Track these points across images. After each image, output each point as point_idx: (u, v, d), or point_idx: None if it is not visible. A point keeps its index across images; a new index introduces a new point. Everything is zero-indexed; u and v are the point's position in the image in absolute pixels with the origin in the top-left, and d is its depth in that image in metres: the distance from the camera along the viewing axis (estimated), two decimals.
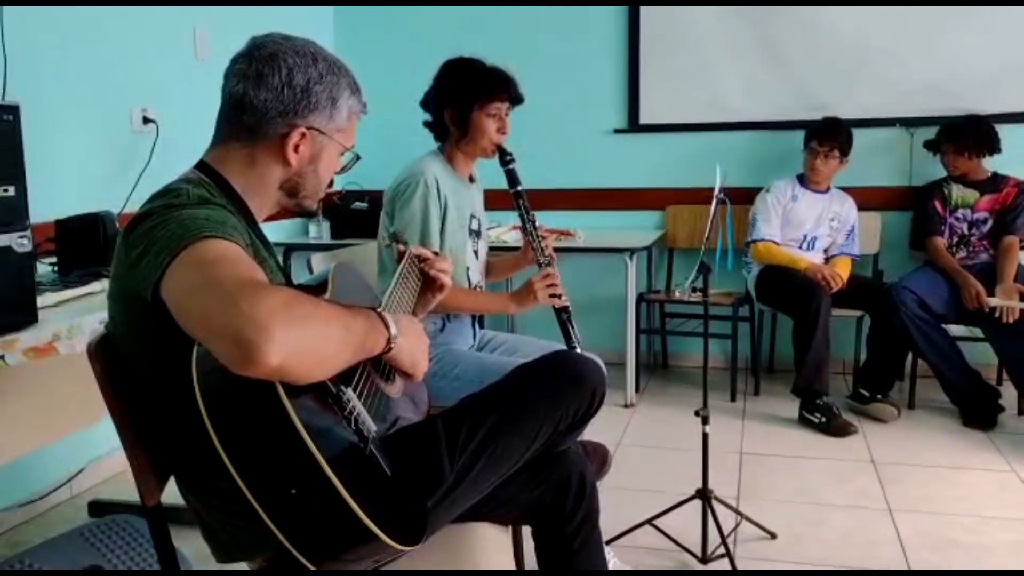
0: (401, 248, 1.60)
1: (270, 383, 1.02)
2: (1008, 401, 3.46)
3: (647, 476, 2.92)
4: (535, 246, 2.32)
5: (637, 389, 3.87)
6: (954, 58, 3.83)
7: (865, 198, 3.89)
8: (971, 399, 3.42)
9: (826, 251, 3.82)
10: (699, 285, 2.40)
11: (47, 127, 2.70)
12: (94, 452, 2.93)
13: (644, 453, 3.17)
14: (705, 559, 2.28)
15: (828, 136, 3.65)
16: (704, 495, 2.31)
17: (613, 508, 2.11)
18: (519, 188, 2.33)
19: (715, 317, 3.64)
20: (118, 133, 3.07)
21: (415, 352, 1.28)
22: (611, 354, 3.52)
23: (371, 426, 1.17)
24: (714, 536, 2.27)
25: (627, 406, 3.70)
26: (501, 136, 2.29)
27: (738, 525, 2.45)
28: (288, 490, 1.07)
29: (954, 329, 3.51)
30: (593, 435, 2.07)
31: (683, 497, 2.39)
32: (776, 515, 2.57)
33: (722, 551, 2.24)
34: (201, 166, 1.33)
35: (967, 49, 3.81)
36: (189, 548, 1.47)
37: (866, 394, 3.53)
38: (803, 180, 3.79)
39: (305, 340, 1.00)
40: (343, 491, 1.05)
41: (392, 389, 1.37)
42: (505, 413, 1.41)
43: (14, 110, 1.63)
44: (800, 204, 3.75)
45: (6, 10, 2.49)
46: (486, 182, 2.52)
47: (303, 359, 1.00)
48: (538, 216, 2.37)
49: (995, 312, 3.30)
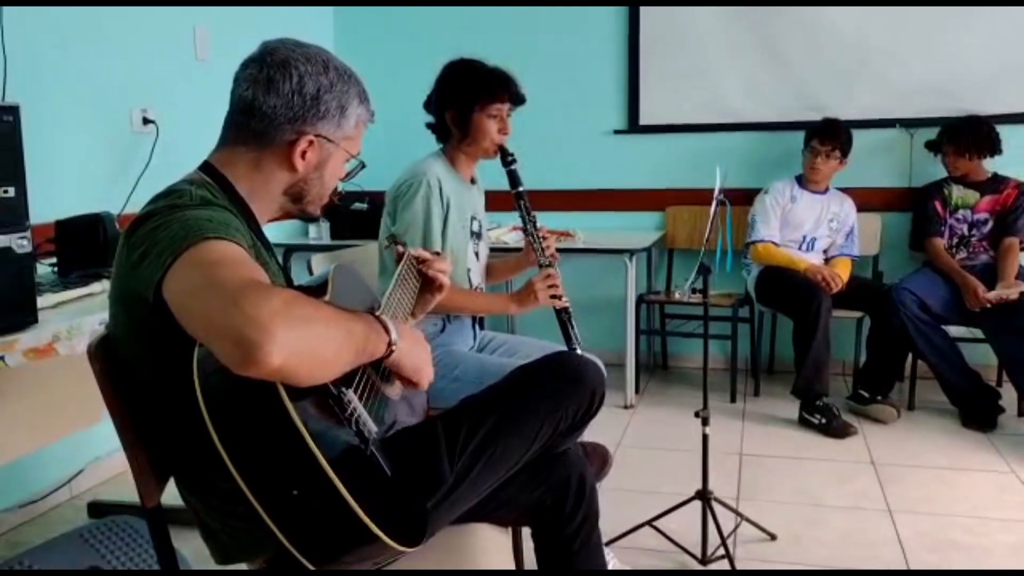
0: (400, 249, 1.61)
1: (272, 384, 1.02)
2: (1008, 402, 3.46)
3: (647, 477, 2.92)
4: (536, 247, 2.32)
5: (637, 390, 3.87)
6: (954, 59, 3.83)
7: (865, 199, 3.89)
8: (971, 400, 3.42)
9: (825, 252, 3.82)
10: (699, 286, 2.40)
11: (47, 128, 2.70)
12: (94, 453, 2.93)
13: (644, 454, 3.17)
14: (705, 560, 2.28)
15: (829, 136, 3.65)
16: (704, 496, 2.31)
17: (613, 509, 2.11)
18: (520, 189, 2.33)
19: (715, 318, 3.64)
20: (118, 134, 3.06)
21: (416, 358, 1.28)
22: (611, 355, 3.52)
23: (372, 427, 1.17)
24: (714, 537, 2.27)
25: (627, 407, 3.70)
26: (503, 137, 2.29)
27: (738, 526, 2.45)
28: (290, 491, 1.07)
29: (954, 330, 3.51)
30: (593, 436, 2.07)
31: (683, 498, 2.39)
32: (776, 516, 2.57)
33: (722, 552, 2.24)
34: (205, 168, 1.33)
35: (967, 50, 3.81)
36: (189, 549, 1.47)
37: (866, 395, 3.53)
38: (802, 181, 3.79)
39: (306, 341, 1.00)
40: (344, 492, 1.06)
41: (392, 391, 1.37)
42: (505, 414, 1.41)
43: (14, 111, 1.63)
44: (799, 205, 3.75)
45: (6, 11, 2.49)
46: (485, 183, 2.51)
47: (304, 360, 1.00)
48: (538, 217, 2.37)
49: (996, 306, 3.28)
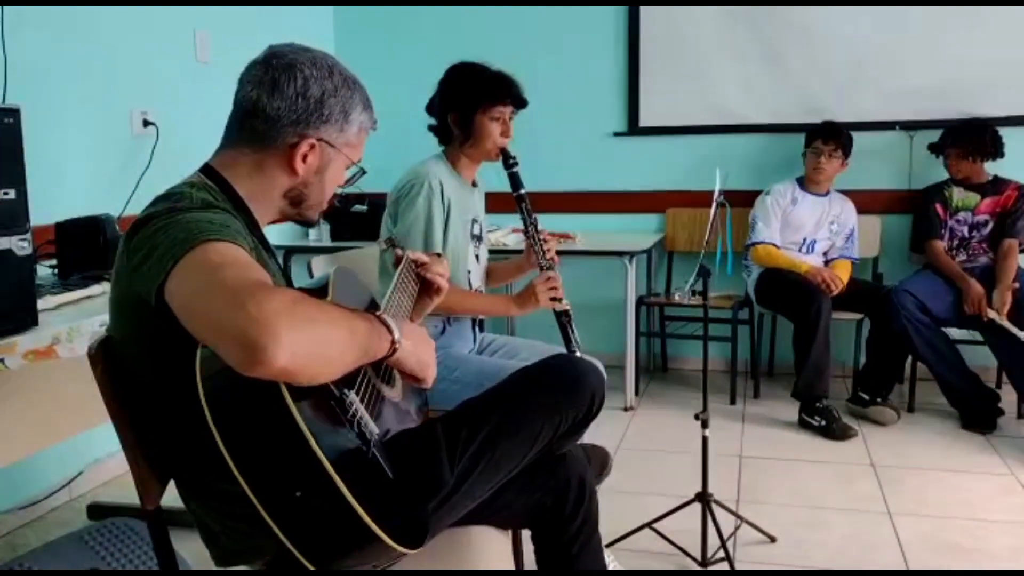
0: (398, 252, 1.61)
1: (274, 385, 1.02)
2: (1008, 404, 3.46)
3: (647, 479, 2.92)
4: (537, 250, 2.33)
5: (637, 392, 3.87)
6: (954, 61, 3.84)
7: (865, 201, 3.89)
8: (971, 402, 3.42)
9: (825, 254, 3.82)
10: (699, 288, 2.40)
11: (48, 130, 2.70)
12: (93, 455, 2.93)
13: (644, 456, 3.17)
14: (705, 562, 2.27)
15: (832, 135, 3.68)
16: (704, 498, 2.31)
17: (612, 511, 2.11)
18: (522, 191, 2.34)
19: (715, 320, 3.64)
20: (119, 136, 3.06)
21: (421, 355, 1.29)
22: (611, 357, 3.51)
23: (373, 429, 1.17)
24: (714, 539, 2.27)
25: (627, 409, 3.70)
26: (505, 140, 2.30)
27: (738, 528, 2.45)
28: (292, 492, 1.07)
29: (954, 332, 3.51)
30: (592, 438, 2.07)
31: (683, 500, 2.39)
32: (776, 518, 2.57)
33: (722, 554, 2.24)
34: (206, 170, 1.33)
35: (967, 52, 3.81)
36: (189, 552, 1.47)
37: (866, 397, 3.53)
38: (803, 183, 3.79)
39: (310, 341, 1.00)
40: (347, 493, 1.06)
41: (393, 393, 1.37)
42: (505, 416, 1.41)
43: (15, 113, 1.62)
44: (800, 207, 3.75)
45: (6, 13, 2.49)
46: (485, 185, 2.52)
47: (309, 360, 1.00)
48: (538, 219, 2.37)
49: (994, 323, 3.30)
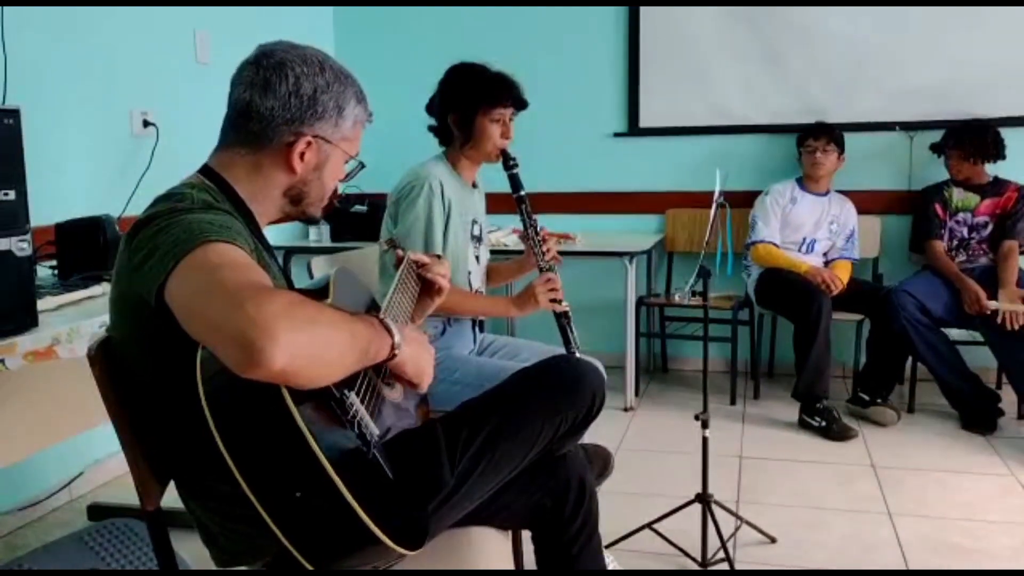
0: (399, 253, 1.61)
1: (275, 386, 1.02)
2: (1008, 405, 3.46)
3: (647, 480, 2.92)
4: (537, 251, 2.33)
5: (637, 393, 3.87)
6: (954, 62, 3.84)
7: (864, 202, 3.89)
8: (971, 403, 3.42)
9: (826, 255, 3.82)
10: (699, 289, 2.40)
11: (48, 130, 2.70)
12: (93, 456, 2.93)
13: (644, 457, 3.17)
14: (705, 563, 2.27)
15: (822, 131, 3.73)
16: (704, 499, 2.31)
17: (612, 512, 2.11)
18: (522, 193, 2.34)
19: (715, 321, 3.65)
20: (119, 136, 3.07)
21: (419, 361, 1.28)
22: (611, 358, 3.51)
23: (374, 430, 1.17)
24: (714, 540, 2.27)
25: (627, 410, 3.70)
26: (505, 141, 2.30)
27: (738, 529, 2.45)
28: (292, 493, 1.07)
29: (954, 333, 3.51)
30: (592, 439, 2.07)
31: (683, 501, 2.39)
32: (776, 519, 2.56)
33: (722, 555, 2.24)
34: (205, 171, 1.33)
35: (966, 52, 3.81)
36: (189, 552, 1.47)
37: (866, 398, 3.53)
38: (802, 183, 3.80)
39: (310, 343, 1.00)
40: (347, 494, 1.06)
41: (393, 394, 1.37)
42: (505, 417, 1.41)
43: (15, 114, 1.62)
44: (799, 206, 3.75)
45: (7, 14, 2.49)
46: (485, 185, 2.52)
47: (308, 362, 1.00)
48: (538, 219, 2.37)
49: (997, 316, 3.29)
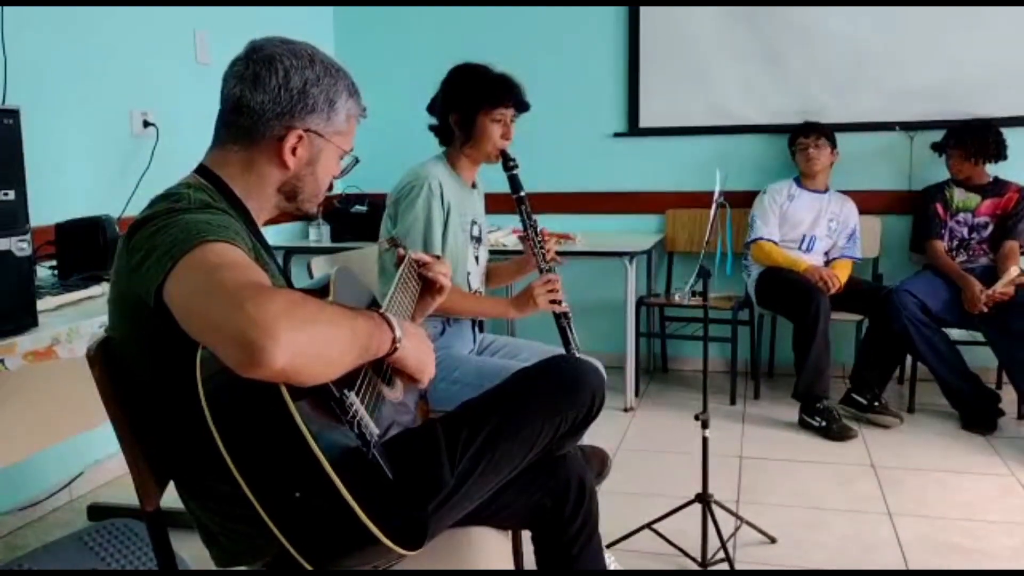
0: (400, 252, 1.61)
1: (275, 386, 1.02)
2: (1008, 405, 3.46)
3: (647, 480, 2.92)
4: (536, 252, 2.33)
5: (637, 393, 3.87)
6: (954, 62, 3.84)
7: (865, 202, 3.89)
8: (971, 403, 3.42)
9: (827, 254, 3.82)
10: (699, 289, 2.40)
11: (47, 130, 2.70)
12: (93, 456, 2.93)
13: (644, 457, 3.17)
14: (705, 563, 2.27)
15: (811, 128, 3.77)
16: (704, 499, 2.31)
17: (613, 512, 2.11)
18: (522, 194, 2.34)
19: (715, 321, 3.64)
20: (118, 136, 3.07)
21: (421, 355, 1.28)
22: (611, 358, 3.51)
23: (373, 430, 1.17)
24: (714, 540, 2.27)
25: (627, 410, 3.70)
26: (505, 142, 2.30)
27: (738, 529, 2.45)
28: (292, 493, 1.07)
29: (954, 333, 3.51)
30: (593, 439, 2.07)
31: (683, 501, 2.39)
32: (776, 519, 2.56)
33: (722, 555, 2.24)
34: (201, 170, 1.33)
35: (966, 52, 3.81)
36: (188, 552, 1.47)
37: (863, 401, 3.51)
38: (800, 182, 3.82)
39: (311, 342, 1.00)
40: (346, 494, 1.05)
41: (393, 393, 1.37)
42: (505, 417, 1.41)
43: (15, 114, 1.62)
44: (796, 203, 3.77)
45: (7, 14, 2.49)
46: (485, 185, 2.52)
47: (309, 361, 1.00)
48: (538, 219, 2.38)
49: (995, 307, 3.27)
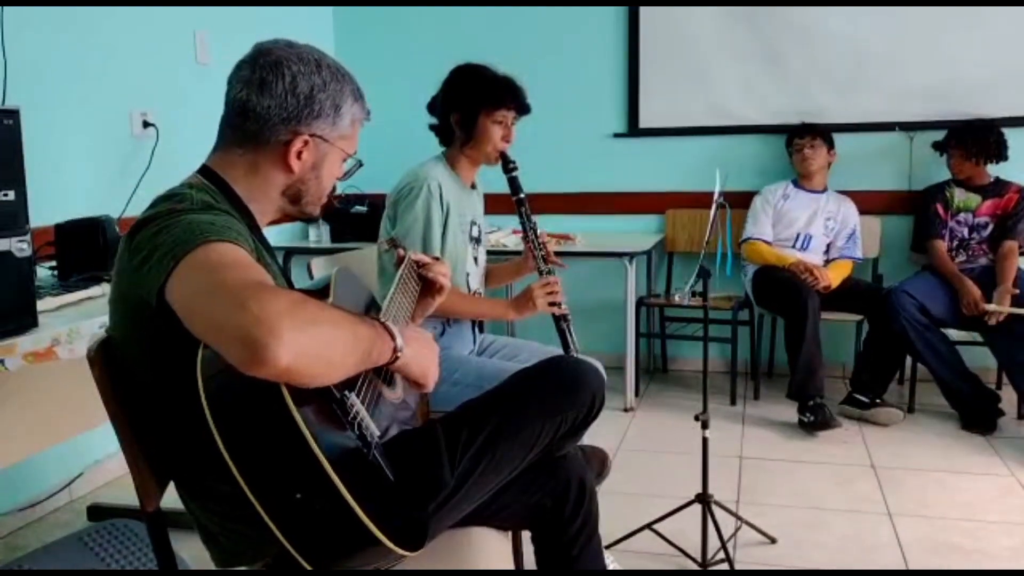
0: (400, 253, 1.61)
1: (275, 386, 1.02)
2: (1008, 405, 3.46)
3: (647, 480, 2.92)
4: (536, 254, 2.33)
5: (637, 393, 3.87)
6: (954, 62, 3.84)
7: (865, 202, 3.89)
8: (970, 403, 3.42)
9: (826, 253, 3.83)
10: (699, 289, 2.40)
11: (47, 131, 2.70)
12: (93, 456, 2.93)
13: (644, 457, 3.17)
14: (705, 564, 2.27)
15: (806, 129, 3.79)
16: (704, 499, 2.31)
17: (613, 512, 2.11)
18: (521, 195, 2.34)
19: (715, 321, 3.64)
20: (118, 137, 3.06)
21: (424, 362, 1.28)
22: (611, 358, 3.52)
23: (374, 431, 1.17)
24: (714, 541, 2.27)
25: (627, 410, 3.70)
26: (505, 144, 2.30)
27: (738, 530, 2.45)
28: (292, 494, 1.07)
29: (954, 333, 3.50)
30: (593, 439, 2.07)
31: (683, 501, 2.39)
32: (776, 519, 2.56)
33: (722, 556, 2.24)
34: (204, 171, 1.33)
35: (966, 53, 3.81)
36: (189, 553, 1.47)
37: (864, 400, 3.51)
38: (797, 183, 3.84)
39: (313, 342, 1.01)
40: (347, 495, 1.05)
41: (393, 394, 1.37)
42: (505, 418, 1.41)
43: (14, 114, 1.62)
44: (791, 202, 3.79)
45: (7, 14, 2.49)
46: (485, 185, 2.52)
47: (311, 361, 1.00)
48: (538, 220, 2.38)
49: (990, 317, 3.29)
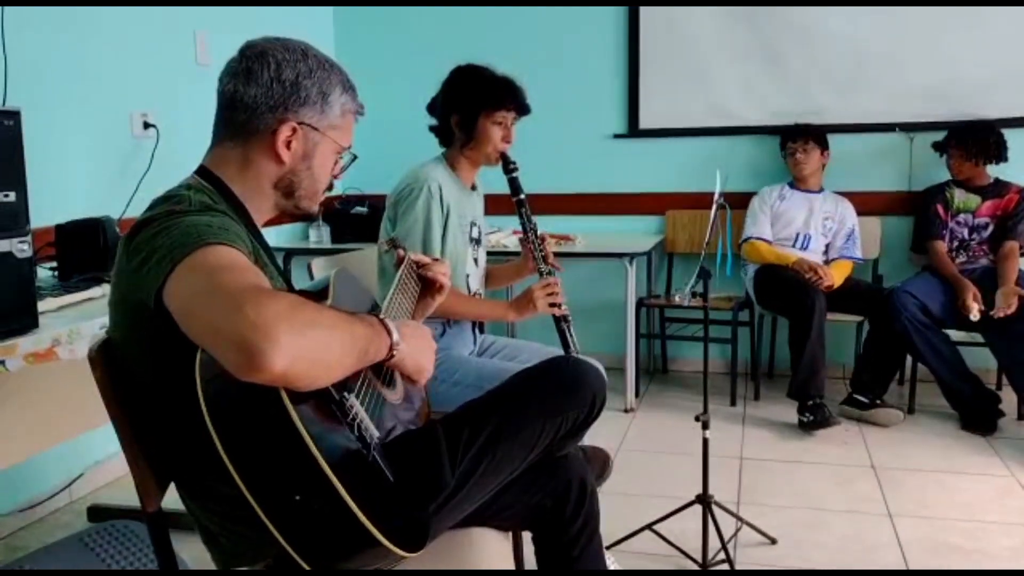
0: (400, 253, 1.61)
1: (274, 388, 1.02)
2: (1008, 406, 3.46)
3: (647, 481, 2.92)
4: (536, 255, 2.33)
5: (637, 394, 3.87)
6: (953, 62, 3.84)
7: (864, 203, 3.90)
8: (971, 404, 3.42)
9: (826, 254, 3.83)
10: (699, 290, 2.40)
11: (48, 132, 2.70)
12: (94, 457, 2.93)
13: (644, 458, 3.17)
14: (705, 564, 2.27)
15: (800, 132, 3.80)
16: (704, 500, 2.31)
17: (613, 513, 2.11)
18: (521, 197, 2.34)
19: (715, 322, 3.64)
20: (119, 138, 3.07)
21: (420, 357, 1.28)
22: (611, 359, 3.52)
23: (374, 432, 1.17)
24: (714, 541, 2.27)
25: (627, 411, 3.70)
26: (506, 145, 2.30)
27: (738, 530, 2.45)
28: (292, 496, 1.06)
29: (954, 334, 3.50)
30: (593, 440, 2.07)
31: (683, 502, 2.39)
32: (776, 520, 2.57)
33: (722, 556, 2.24)
34: (201, 171, 1.33)
35: (966, 53, 3.81)
36: (189, 553, 1.47)
37: (864, 400, 3.51)
38: (794, 184, 3.86)
39: (310, 346, 1.00)
40: (347, 496, 1.05)
41: (393, 395, 1.37)
42: (505, 418, 1.41)
43: (15, 115, 1.63)
44: (788, 202, 3.81)
45: (7, 14, 2.49)
46: (486, 186, 2.52)
47: (308, 365, 1.00)
48: (538, 221, 2.38)
49: (989, 312, 3.28)
